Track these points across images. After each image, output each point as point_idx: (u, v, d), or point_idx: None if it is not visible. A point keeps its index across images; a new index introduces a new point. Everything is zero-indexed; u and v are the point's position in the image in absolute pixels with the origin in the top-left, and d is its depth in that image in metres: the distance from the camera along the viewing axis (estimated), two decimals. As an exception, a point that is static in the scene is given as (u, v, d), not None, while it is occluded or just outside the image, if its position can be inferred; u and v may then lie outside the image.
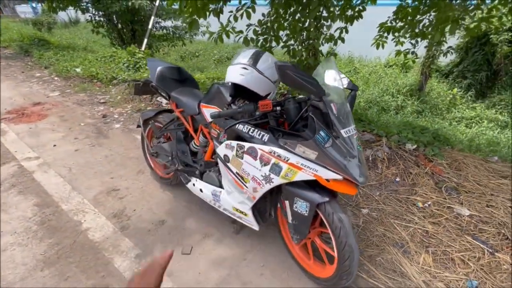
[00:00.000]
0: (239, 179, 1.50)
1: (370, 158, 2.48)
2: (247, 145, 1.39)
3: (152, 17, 5.82)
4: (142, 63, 5.09)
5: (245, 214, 1.60)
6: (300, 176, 1.25)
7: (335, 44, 3.11)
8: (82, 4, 6.63)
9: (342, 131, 1.20)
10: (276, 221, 1.70)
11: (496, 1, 2.65)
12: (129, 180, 2.43)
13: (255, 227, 1.62)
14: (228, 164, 1.51)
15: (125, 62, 5.12)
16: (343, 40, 3.10)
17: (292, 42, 3.20)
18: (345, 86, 1.38)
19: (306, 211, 1.31)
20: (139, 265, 1.67)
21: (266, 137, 1.34)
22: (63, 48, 7.20)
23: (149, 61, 2.17)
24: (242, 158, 1.42)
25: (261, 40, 3.09)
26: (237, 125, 1.42)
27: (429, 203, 2.02)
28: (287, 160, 1.27)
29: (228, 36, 2.78)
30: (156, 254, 1.74)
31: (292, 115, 1.36)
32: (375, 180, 2.32)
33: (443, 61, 6.92)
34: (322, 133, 1.20)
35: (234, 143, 1.44)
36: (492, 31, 5.94)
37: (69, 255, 1.72)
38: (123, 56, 5.43)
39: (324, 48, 3.25)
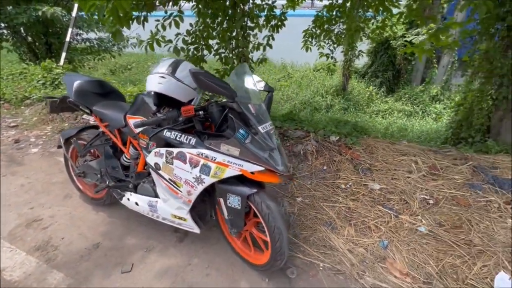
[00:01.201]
0: (172, 185, 1.52)
1: (302, 152, 2.75)
2: (175, 150, 1.43)
3: (70, 29, 5.33)
4: (62, 79, 4.61)
5: (184, 219, 1.63)
6: (228, 172, 1.35)
7: (264, 50, 3.38)
8: (-23, 15, 5.68)
9: (260, 127, 1.35)
10: (217, 222, 1.76)
11: (386, 14, 3.24)
12: (53, 208, 2.19)
13: (196, 230, 1.65)
14: (160, 171, 1.53)
15: (40, 79, 4.56)
16: (270, 46, 3.38)
17: (223, 50, 3.34)
18: (261, 89, 1.54)
19: (239, 204, 1.41)
20: (71, 295, 1.53)
21: (193, 141, 1.41)
22: (-47, 66, 6.01)
23: (66, 76, 2.04)
24: (172, 164, 1.45)
25: (192, 49, 3.14)
26: (164, 132, 1.45)
27: (349, 184, 2.34)
28: (214, 160, 1.35)
29: (159, 45, 2.74)
30: (92, 279, 1.62)
31: (216, 118, 1.46)
32: (307, 171, 2.58)
33: (359, 63, 8.01)
34: (241, 130, 1.32)
35: (163, 150, 1.47)
36: (391, 37, 7.16)
37: (-21, 303, 1.48)
38: (37, 72, 4.82)
39: (256, 54, 3.49)
